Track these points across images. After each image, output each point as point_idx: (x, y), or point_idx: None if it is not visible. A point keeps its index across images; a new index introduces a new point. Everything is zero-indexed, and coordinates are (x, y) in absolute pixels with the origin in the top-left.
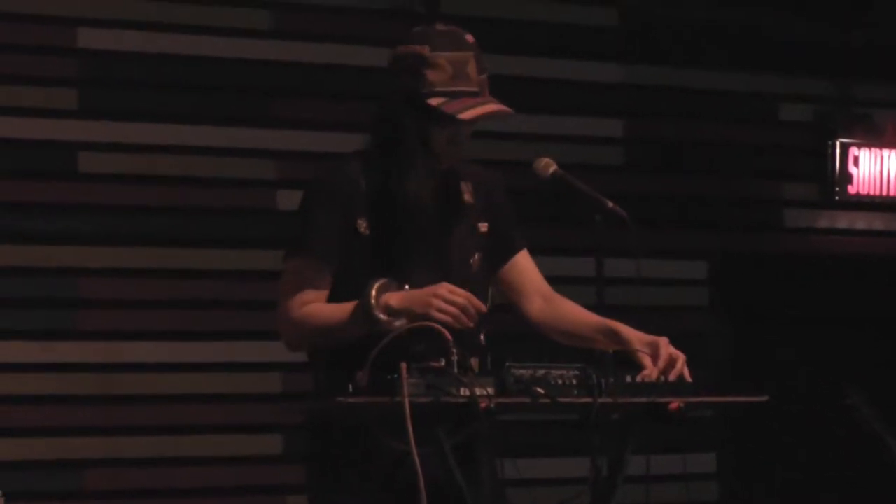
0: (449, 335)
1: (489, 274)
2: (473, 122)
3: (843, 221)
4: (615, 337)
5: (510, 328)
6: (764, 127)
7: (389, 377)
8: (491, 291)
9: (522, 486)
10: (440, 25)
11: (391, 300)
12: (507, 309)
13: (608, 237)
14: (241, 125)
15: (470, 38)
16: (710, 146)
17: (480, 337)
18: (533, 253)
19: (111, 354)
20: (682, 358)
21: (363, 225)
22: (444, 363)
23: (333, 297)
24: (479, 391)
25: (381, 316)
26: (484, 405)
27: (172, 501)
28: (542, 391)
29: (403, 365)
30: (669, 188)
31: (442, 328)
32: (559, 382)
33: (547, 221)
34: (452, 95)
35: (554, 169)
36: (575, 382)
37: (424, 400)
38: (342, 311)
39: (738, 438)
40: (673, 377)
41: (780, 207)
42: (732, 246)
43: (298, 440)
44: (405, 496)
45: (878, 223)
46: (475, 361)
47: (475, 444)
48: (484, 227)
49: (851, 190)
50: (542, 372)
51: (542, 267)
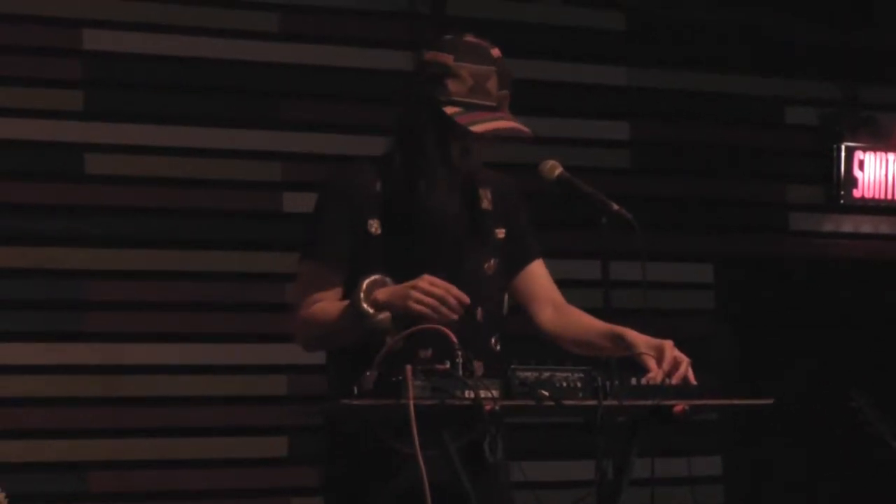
0: (454, 337)
1: (505, 280)
2: (482, 136)
3: (848, 225)
4: (621, 341)
5: (521, 332)
6: (769, 130)
7: (394, 379)
8: (507, 297)
9: (527, 488)
10: (470, 37)
11: (379, 295)
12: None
13: (614, 240)
14: (247, 127)
15: (496, 52)
16: (715, 149)
17: (492, 341)
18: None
19: (116, 356)
20: (686, 361)
21: (374, 225)
22: (448, 366)
23: (346, 297)
24: (483, 394)
25: (367, 310)
26: (489, 408)
27: (178, 503)
28: (546, 394)
29: (408, 367)
30: (675, 191)
31: (447, 330)
32: (564, 385)
33: (553, 224)
34: (468, 107)
35: (560, 171)
36: (579, 385)
37: (429, 402)
38: (338, 307)
39: (743, 441)
40: (677, 380)
41: (785, 211)
42: (738, 249)
43: (307, 442)
44: (419, 496)
45: (883, 227)
46: (479, 365)
47: (482, 446)
48: (501, 233)
49: (857, 194)
50: (546, 374)
51: (548, 269)
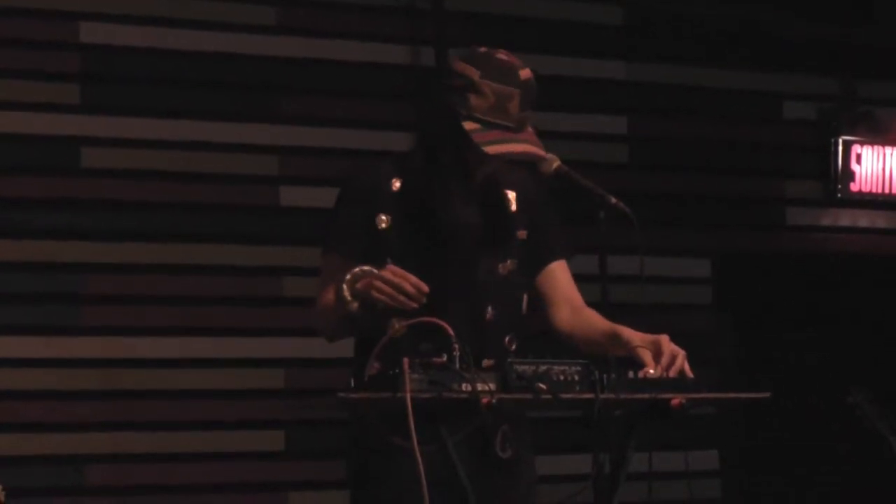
0: (451, 330)
1: (526, 280)
2: (493, 157)
3: (845, 219)
4: (617, 339)
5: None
6: (767, 125)
7: (391, 372)
8: (526, 297)
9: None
10: (502, 54)
11: (358, 284)
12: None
13: (612, 234)
14: (244, 121)
15: (526, 73)
16: (713, 144)
17: (506, 340)
18: None
19: (113, 350)
20: (682, 353)
21: (384, 221)
22: (445, 359)
23: None
24: (480, 387)
25: (346, 297)
26: (486, 401)
27: (175, 497)
28: (544, 387)
29: (405, 360)
30: (673, 185)
31: (445, 324)
32: (561, 378)
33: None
34: (487, 125)
35: (558, 165)
36: (577, 378)
37: (426, 396)
38: (333, 297)
39: (740, 436)
40: (674, 373)
41: (783, 205)
42: (735, 244)
43: (304, 436)
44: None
45: (880, 221)
46: (489, 363)
47: (488, 441)
48: (522, 234)
49: (854, 188)
50: (544, 368)
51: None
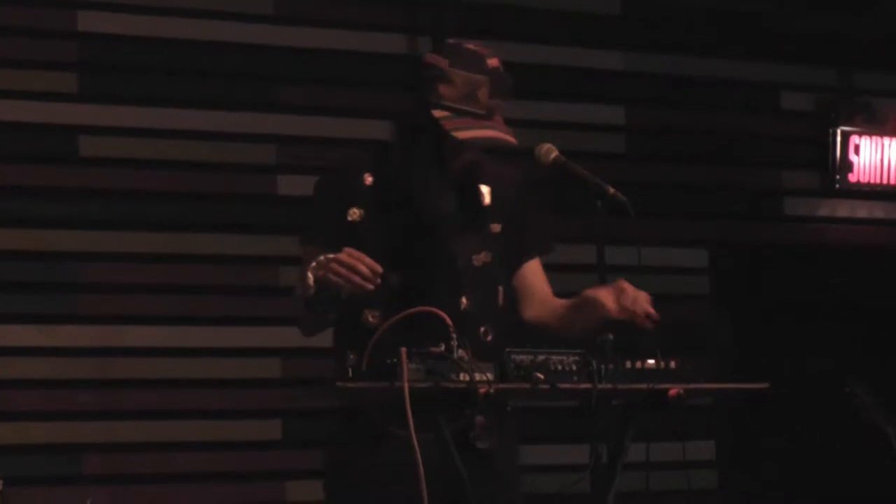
0: (449, 320)
1: (503, 274)
2: (468, 142)
3: (843, 210)
4: (582, 301)
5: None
6: (765, 115)
7: (389, 362)
8: (502, 290)
9: (522, 472)
10: (470, 44)
11: (321, 271)
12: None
13: (609, 224)
14: (241, 110)
15: (494, 62)
16: (711, 134)
17: (481, 331)
18: None
19: (111, 339)
20: (644, 294)
21: (355, 214)
22: (443, 348)
23: None
24: (478, 377)
25: (309, 283)
26: (483, 391)
27: (171, 486)
28: (541, 377)
29: (403, 350)
30: (670, 176)
31: (443, 314)
32: (559, 368)
33: (548, 208)
34: (457, 113)
35: (555, 155)
36: (575, 368)
37: (424, 385)
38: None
39: (737, 426)
40: (639, 311)
41: (780, 196)
42: (733, 234)
43: (301, 425)
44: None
45: (878, 212)
46: (464, 354)
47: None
48: (497, 227)
49: (852, 178)
50: (541, 357)
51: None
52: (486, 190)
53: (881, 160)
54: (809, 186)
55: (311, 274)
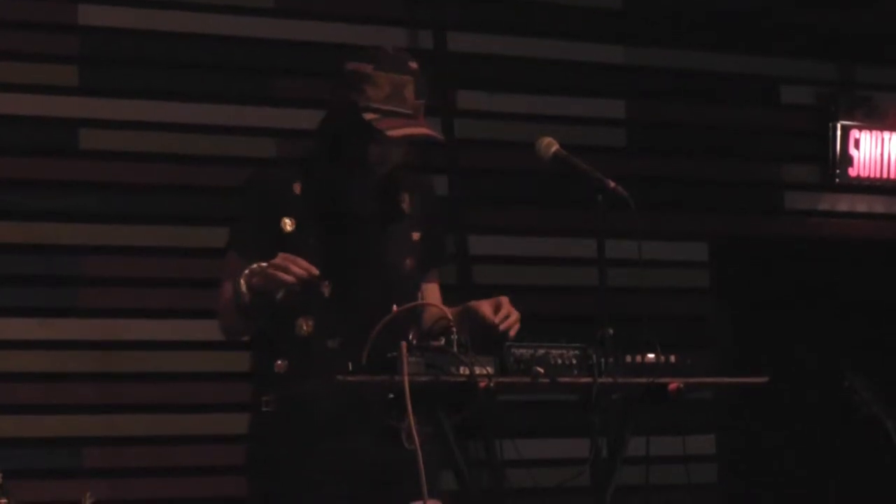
0: (450, 315)
1: (419, 280)
2: (400, 140)
3: (843, 204)
4: (465, 311)
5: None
6: (765, 109)
7: (389, 355)
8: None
9: (522, 466)
10: (390, 48)
11: (254, 279)
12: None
13: (610, 218)
14: (242, 103)
15: (414, 64)
16: (711, 128)
17: (410, 336)
18: (535, 234)
19: (111, 332)
20: (516, 315)
21: (288, 224)
22: (443, 342)
23: None
24: (478, 370)
25: (243, 290)
26: (483, 384)
27: (172, 480)
28: (541, 371)
29: (403, 344)
30: (671, 170)
31: (443, 307)
32: (559, 362)
33: (548, 202)
34: (385, 114)
35: (556, 149)
36: (575, 362)
37: (424, 379)
38: (230, 293)
39: (737, 420)
40: (505, 327)
41: (780, 190)
42: (733, 228)
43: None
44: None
45: (878, 206)
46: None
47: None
48: (416, 235)
49: (852, 173)
50: (542, 351)
51: (543, 247)
52: (404, 197)
53: (881, 154)
54: (809, 180)
55: (244, 281)
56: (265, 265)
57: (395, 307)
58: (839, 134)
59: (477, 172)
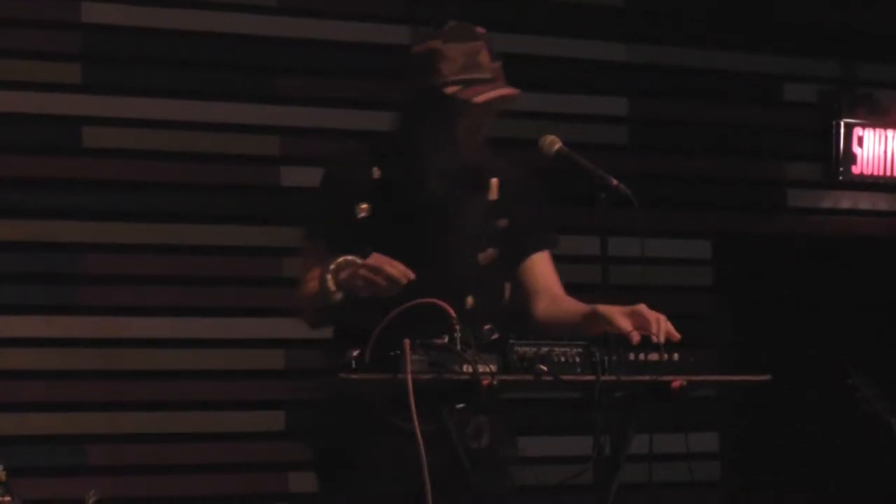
0: (452, 312)
1: (507, 270)
2: (487, 105)
3: (846, 202)
4: (597, 317)
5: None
6: (768, 107)
7: (392, 353)
8: (507, 287)
9: (525, 464)
10: (451, 22)
11: (342, 274)
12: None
13: (612, 216)
14: (245, 101)
15: (480, 29)
16: (714, 126)
17: (484, 329)
18: None
19: (114, 330)
20: (662, 317)
21: (363, 209)
22: (447, 340)
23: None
24: (481, 368)
25: (329, 287)
26: (487, 382)
27: (174, 477)
28: (545, 369)
29: (406, 341)
30: (673, 167)
31: (445, 305)
32: (562, 360)
33: (551, 199)
34: (466, 83)
35: (559, 146)
36: (578, 360)
37: (427, 377)
38: (315, 286)
39: (740, 418)
40: (663, 336)
41: (783, 187)
42: (736, 226)
43: (304, 416)
44: (412, 472)
45: (881, 203)
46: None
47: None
48: (503, 223)
49: (855, 170)
50: (545, 349)
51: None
52: (493, 183)
53: (884, 152)
54: (812, 178)
55: (330, 278)
56: (351, 259)
57: (472, 300)
58: (842, 131)
59: None
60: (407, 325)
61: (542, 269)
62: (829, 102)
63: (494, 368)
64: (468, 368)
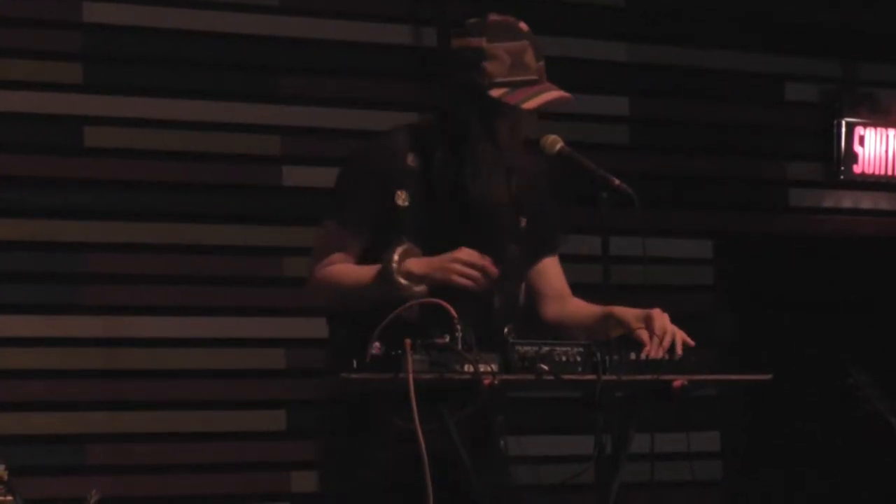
0: (454, 312)
1: (524, 271)
2: (535, 111)
3: (848, 201)
4: (611, 320)
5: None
6: (769, 106)
7: (394, 353)
8: (523, 287)
9: (526, 462)
10: (494, 16)
11: (412, 266)
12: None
13: (614, 215)
14: (246, 101)
15: (524, 26)
16: (715, 125)
17: (505, 331)
18: None
19: (115, 329)
20: (670, 331)
21: (402, 197)
22: (448, 339)
23: (368, 263)
24: (482, 368)
25: (401, 281)
26: (488, 382)
27: (175, 477)
28: (546, 368)
29: (407, 341)
30: (675, 167)
31: (446, 304)
32: (563, 359)
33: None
34: (513, 86)
35: (560, 146)
36: (579, 360)
37: (428, 376)
38: (365, 272)
39: (741, 417)
40: (667, 345)
41: (785, 187)
42: (737, 225)
43: (306, 415)
44: (415, 468)
45: (883, 203)
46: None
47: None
48: (523, 221)
49: (857, 170)
50: (546, 349)
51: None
52: (515, 181)
53: (886, 151)
54: (814, 178)
55: (396, 269)
56: (413, 248)
57: (498, 300)
58: (844, 131)
59: None
60: (416, 323)
61: (552, 272)
62: (830, 102)
63: (496, 368)
64: (469, 368)
